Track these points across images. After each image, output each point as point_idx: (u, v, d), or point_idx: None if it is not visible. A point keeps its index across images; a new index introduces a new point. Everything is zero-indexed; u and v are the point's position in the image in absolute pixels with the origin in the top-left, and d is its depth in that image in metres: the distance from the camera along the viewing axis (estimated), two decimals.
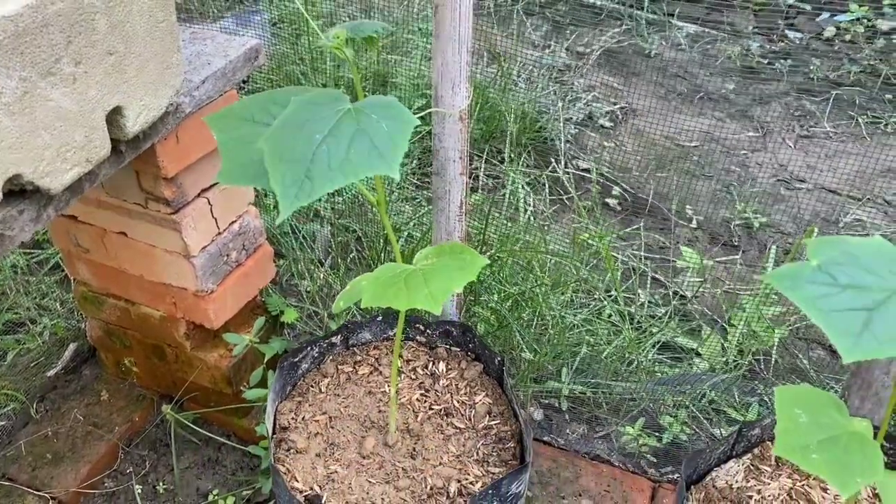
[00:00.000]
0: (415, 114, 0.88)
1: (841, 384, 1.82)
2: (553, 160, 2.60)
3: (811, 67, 3.10)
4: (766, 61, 3.18)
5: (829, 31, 3.33)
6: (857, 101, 2.92)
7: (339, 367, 1.31)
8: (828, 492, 1.16)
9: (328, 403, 1.26)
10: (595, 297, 2.04)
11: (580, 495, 1.65)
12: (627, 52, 3.26)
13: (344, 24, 0.91)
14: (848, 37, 3.28)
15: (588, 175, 2.65)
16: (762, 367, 1.98)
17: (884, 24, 3.31)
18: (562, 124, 2.80)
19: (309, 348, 1.28)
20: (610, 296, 1.97)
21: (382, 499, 1.12)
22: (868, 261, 0.82)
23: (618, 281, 1.98)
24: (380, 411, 1.25)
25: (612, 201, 2.56)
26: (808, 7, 3.42)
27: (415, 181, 2.43)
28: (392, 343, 1.35)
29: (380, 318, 1.33)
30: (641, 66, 3.19)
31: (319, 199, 2.29)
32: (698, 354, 1.98)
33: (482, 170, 2.51)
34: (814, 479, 1.18)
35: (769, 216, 2.42)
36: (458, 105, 1.10)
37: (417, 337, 1.35)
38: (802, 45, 3.28)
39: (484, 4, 3.48)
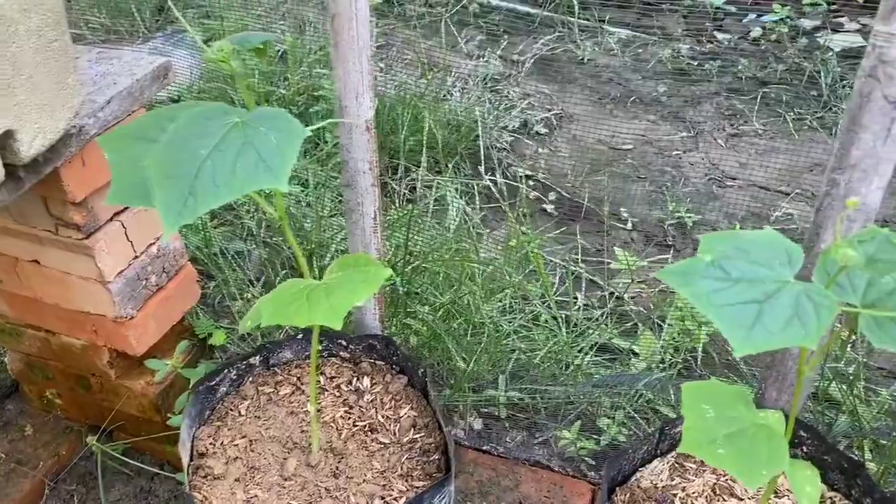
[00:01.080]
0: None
1: None
2: (489, 168, 2.61)
3: (739, 67, 3.17)
4: (696, 63, 3.24)
5: (756, 32, 3.41)
6: (784, 99, 2.99)
7: (260, 388, 1.28)
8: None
9: (248, 426, 1.22)
10: (532, 302, 2.04)
11: (521, 503, 1.64)
12: (561, 59, 3.29)
13: (229, 37, 0.89)
14: (773, 36, 3.36)
15: (525, 182, 2.66)
16: (697, 363, 2.00)
17: (807, 23, 3.40)
18: (497, 133, 2.81)
19: (226, 371, 1.25)
20: (544, 302, 1.97)
21: None
22: (759, 254, 0.83)
23: (549, 285, 1.98)
24: (302, 431, 1.22)
25: (548, 207, 2.57)
26: (733, 9, 3.50)
27: None
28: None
29: (300, 335, 1.31)
30: (575, 72, 3.23)
31: (251, 217, 2.25)
32: (635, 354, 1.99)
33: (419, 181, 2.50)
34: None
35: (702, 215, 2.46)
36: (363, 115, 1.09)
37: (341, 353, 1.33)
38: (731, 45, 3.36)
39: (417, 15, 3.49)
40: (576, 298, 2.16)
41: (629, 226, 2.48)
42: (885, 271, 0.78)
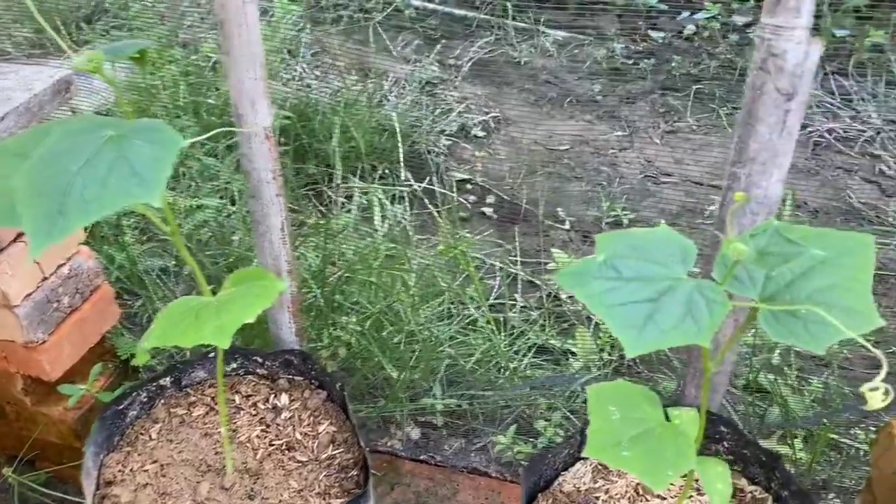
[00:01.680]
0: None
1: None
2: (428, 173, 2.58)
3: (673, 65, 3.20)
4: (631, 62, 3.27)
5: (689, 30, 3.45)
6: (717, 94, 3.03)
7: (172, 410, 1.23)
8: (674, 483, 1.16)
9: (160, 451, 1.18)
10: (468, 307, 2.02)
11: None
12: (498, 62, 3.29)
13: (102, 46, 0.85)
14: (706, 33, 3.41)
15: (464, 185, 2.65)
16: (635, 360, 2.00)
17: (738, 20, 3.45)
18: (435, 137, 2.79)
19: (135, 394, 1.20)
20: (478, 307, 1.95)
21: None
22: (653, 251, 0.82)
23: (481, 289, 1.96)
24: (217, 453, 1.18)
25: (487, 210, 2.56)
26: (666, 7, 3.54)
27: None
28: (230, 380, 1.28)
29: (213, 354, 1.26)
30: (512, 74, 3.23)
31: (182, 230, 2.19)
32: (573, 354, 1.98)
33: (357, 189, 2.46)
34: None
35: (638, 212, 2.47)
36: (261, 123, 1.05)
37: (257, 370, 1.29)
38: (665, 43, 3.39)
39: (352, 21, 3.45)
40: (514, 301, 2.15)
41: (567, 226, 2.47)
42: (776, 264, 0.77)
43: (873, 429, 1.77)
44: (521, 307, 2.14)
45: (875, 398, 0.61)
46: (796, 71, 0.88)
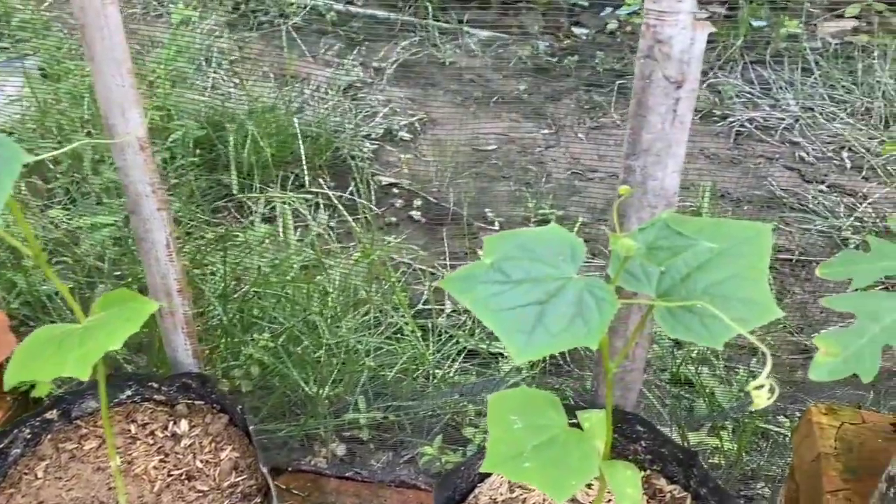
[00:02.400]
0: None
1: None
2: (352, 179, 2.52)
3: (597, 61, 3.21)
4: (555, 59, 3.26)
5: (612, 25, 3.47)
6: None
7: (60, 445, 1.15)
8: (592, 486, 1.13)
9: (47, 490, 1.09)
10: (393, 316, 1.97)
11: None
12: (423, 63, 3.25)
13: None
14: (629, 28, 3.42)
15: (391, 189, 2.60)
16: (566, 360, 1.98)
17: None
18: (360, 141, 2.73)
19: (17, 431, 1.11)
20: (400, 314, 1.90)
21: None
22: (542, 251, 0.78)
23: (403, 296, 1.91)
24: (110, 488, 1.10)
25: (415, 213, 2.51)
26: (587, 3, 3.55)
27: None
28: (125, 408, 1.20)
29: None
30: (437, 75, 3.19)
31: (85, 251, 2.08)
32: (503, 356, 1.94)
33: (276, 199, 2.39)
34: None
35: (565, 209, 2.45)
36: (134, 132, 0.98)
37: (154, 396, 1.21)
38: (588, 40, 3.40)
39: (272, 26, 3.37)
40: (442, 306, 2.11)
41: (496, 226, 2.44)
42: (666, 259, 0.74)
43: (798, 415, 1.78)
44: (451, 311, 2.10)
45: (761, 397, 0.58)
46: (683, 57, 0.86)
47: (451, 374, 1.87)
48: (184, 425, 1.18)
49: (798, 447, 1.39)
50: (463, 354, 1.93)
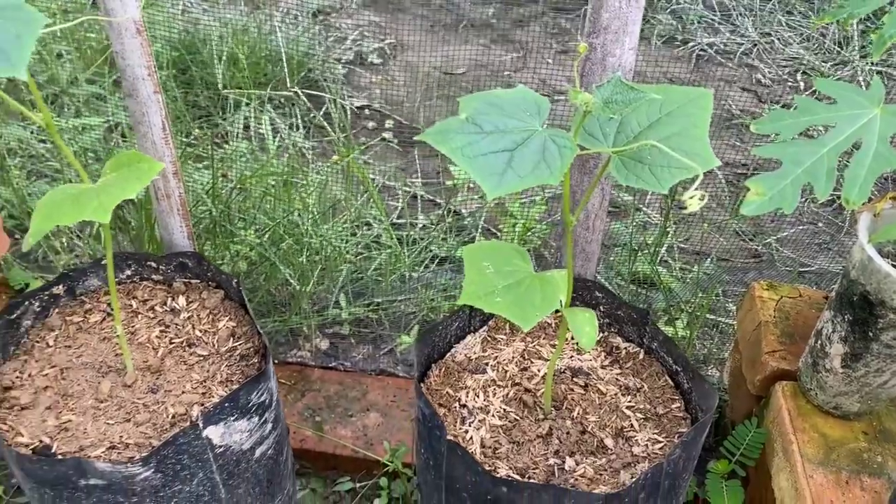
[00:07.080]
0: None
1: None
2: (324, 102, 2.58)
3: None
4: None
5: None
6: None
7: (67, 318, 1.24)
8: (555, 347, 1.25)
9: (58, 356, 1.19)
10: (373, 225, 2.07)
11: (368, 410, 1.68)
12: None
13: None
14: None
15: (363, 111, 2.66)
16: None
17: None
18: (331, 65, 2.78)
19: (27, 303, 1.20)
20: (380, 222, 2.00)
21: (121, 437, 1.08)
22: (511, 108, 0.88)
23: (380, 201, 2.00)
24: (116, 355, 1.20)
25: (387, 135, 2.59)
26: None
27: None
28: (125, 286, 1.29)
29: (104, 260, 1.26)
30: (407, 1, 3.22)
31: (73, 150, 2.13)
32: None
33: (252, 117, 2.44)
34: (543, 338, 1.27)
35: None
36: (130, 14, 1.05)
37: (152, 276, 1.30)
38: None
39: None
40: (415, 220, 2.21)
41: None
42: (619, 109, 0.85)
43: None
44: (423, 225, 2.20)
45: (693, 203, 0.70)
46: None
47: (425, 278, 1.98)
48: (181, 301, 1.28)
49: (742, 321, 1.54)
50: (436, 262, 2.05)
